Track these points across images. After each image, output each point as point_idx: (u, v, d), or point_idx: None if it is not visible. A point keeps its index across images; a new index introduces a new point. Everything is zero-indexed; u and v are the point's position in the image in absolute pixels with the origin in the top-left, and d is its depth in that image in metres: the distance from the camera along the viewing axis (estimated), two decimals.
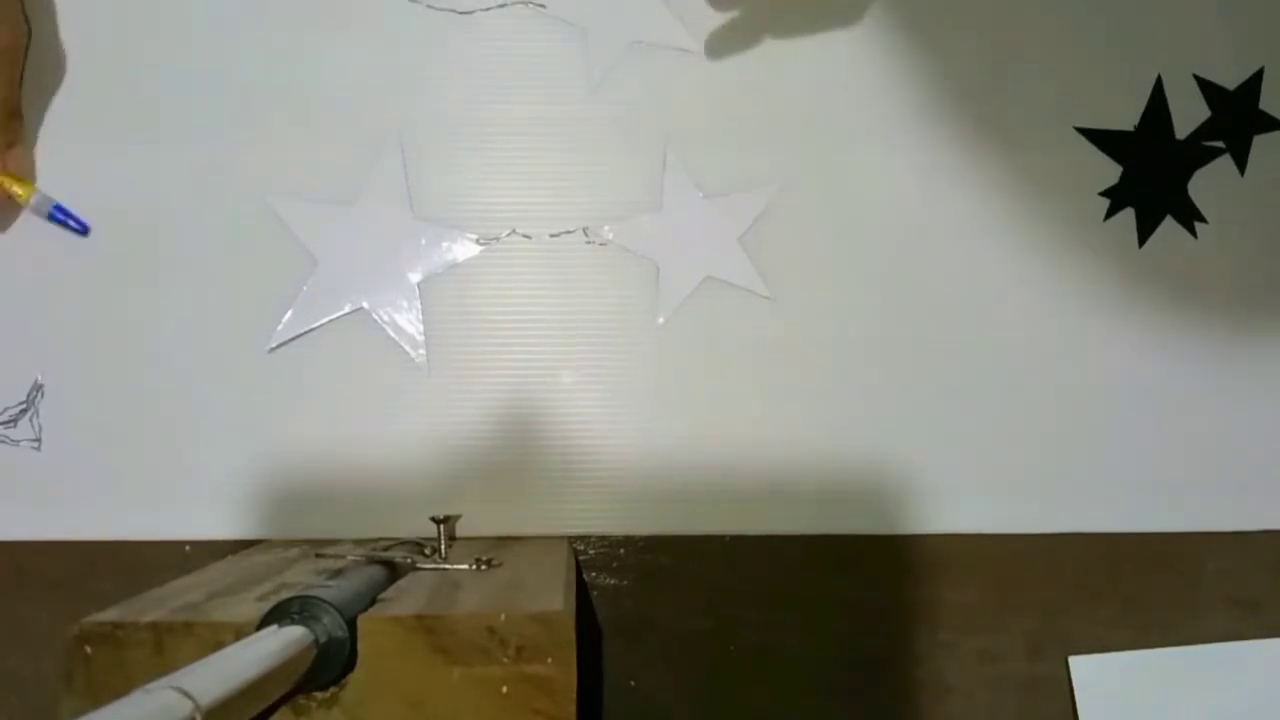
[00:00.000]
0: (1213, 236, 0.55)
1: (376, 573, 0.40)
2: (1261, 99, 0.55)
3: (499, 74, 0.53)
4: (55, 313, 0.52)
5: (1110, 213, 0.54)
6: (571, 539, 0.52)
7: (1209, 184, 0.55)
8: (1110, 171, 0.54)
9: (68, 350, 0.51)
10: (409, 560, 0.44)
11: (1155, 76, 0.55)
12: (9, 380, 0.51)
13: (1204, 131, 0.55)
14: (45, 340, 0.51)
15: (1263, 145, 0.55)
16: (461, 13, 0.53)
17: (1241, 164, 0.55)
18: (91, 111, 0.52)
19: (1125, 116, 0.55)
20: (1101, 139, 0.54)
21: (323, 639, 0.32)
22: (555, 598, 0.37)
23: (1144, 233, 0.55)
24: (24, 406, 0.51)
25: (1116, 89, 0.55)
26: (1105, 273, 0.54)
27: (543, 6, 0.53)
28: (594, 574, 0.52)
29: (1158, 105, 0.55)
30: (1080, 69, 0.55)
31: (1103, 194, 0.54)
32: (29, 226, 0.51)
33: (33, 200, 0.50)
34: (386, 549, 0.46)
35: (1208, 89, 0.55)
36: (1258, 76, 0.55)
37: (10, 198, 0.50)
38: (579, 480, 0.52)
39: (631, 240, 0.53)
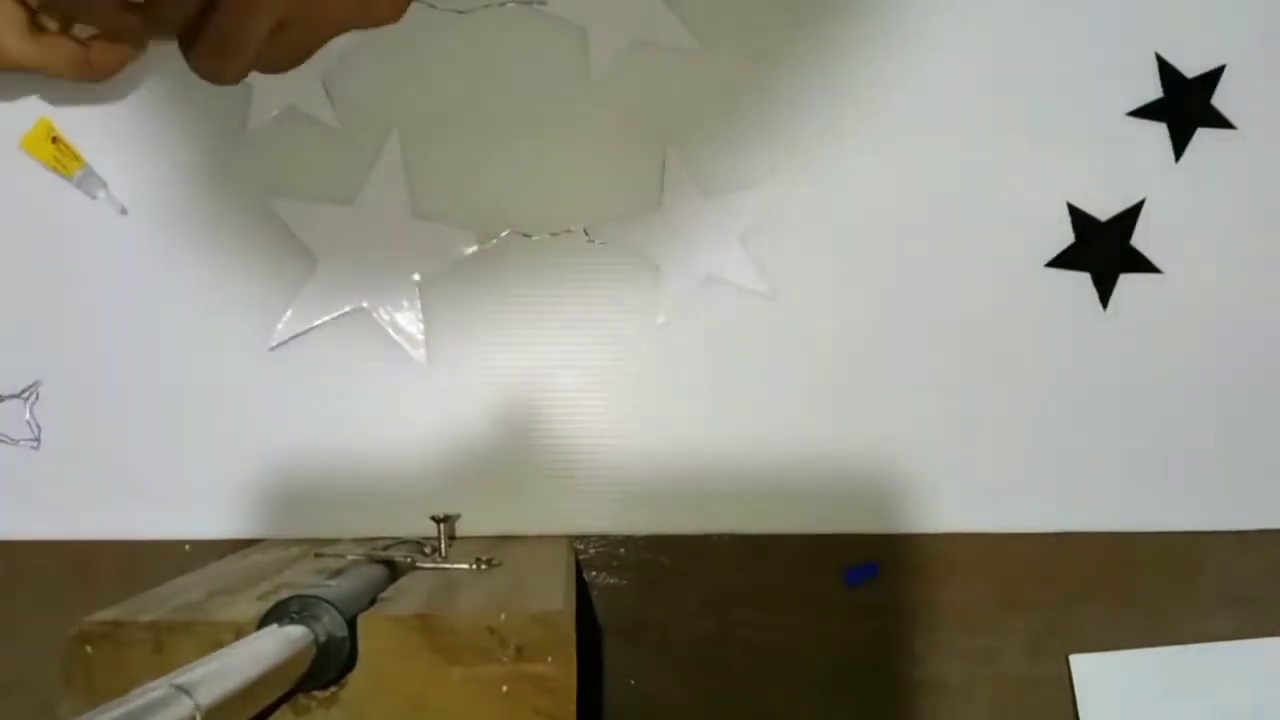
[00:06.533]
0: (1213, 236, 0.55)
1: (376, 572, 0.40)
2: (1215, 95, 0.54)
3: (499, 72, 0.53)
4: (55, 312, 0.51)
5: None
6: (571, 539, 0.52)
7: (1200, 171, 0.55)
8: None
9: (67, 350, 0.51)
10: (409, 560, 0.44)
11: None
12: (8, 380, 0.51)
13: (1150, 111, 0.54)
14: (45, 340, 0.51)
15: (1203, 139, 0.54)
16: (461, 12, 0.53)
17: (1179, 150, 0.54)
18: (91, 111, 0.52)
19: (1124, 104, 0.54)
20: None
21: (322, 638, 0.32)
22: (555, 597, 0.37)
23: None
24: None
25: (1116, 81, 0.54)
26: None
27: (543, 5, 0.53)
28: (594, 574, 0.52)
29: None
30: (1080, 65, 0.54)
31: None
32: (28, 226, 0.51)
33: (77, 175, 0.48)
34: (386, 549, 0.46)
35: (1166, 71, 0.54)
36: (1218, 72, 0.54)
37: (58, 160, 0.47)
38: (579, 480, 0.52)
39: (631, 240, 0.53)
